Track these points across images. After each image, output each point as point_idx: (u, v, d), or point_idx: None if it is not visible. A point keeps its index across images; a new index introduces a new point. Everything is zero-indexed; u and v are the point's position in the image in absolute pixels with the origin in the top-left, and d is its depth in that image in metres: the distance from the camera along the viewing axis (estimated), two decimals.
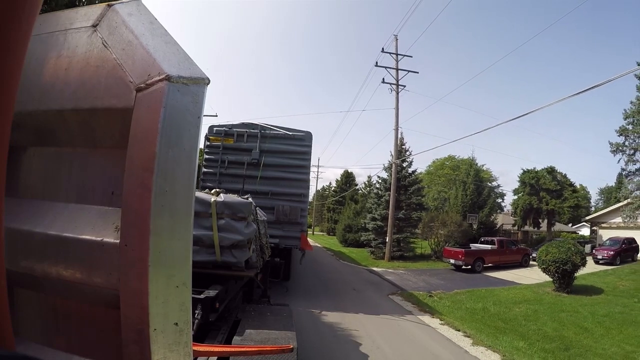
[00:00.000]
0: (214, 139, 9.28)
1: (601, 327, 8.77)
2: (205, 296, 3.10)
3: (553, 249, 12.54)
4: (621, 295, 12.55)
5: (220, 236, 3.69)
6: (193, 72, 0.93)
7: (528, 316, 9.47)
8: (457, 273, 17.25)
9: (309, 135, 9.63)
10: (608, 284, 14.52)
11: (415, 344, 6.87)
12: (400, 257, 21.84)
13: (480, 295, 11.88)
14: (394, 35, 22.62)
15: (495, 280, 15.51)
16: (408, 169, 24.55)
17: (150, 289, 0.85)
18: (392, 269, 17.94)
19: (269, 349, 2.94)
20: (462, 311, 9.69)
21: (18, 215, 1.03)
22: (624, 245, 21.42)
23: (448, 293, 12.09)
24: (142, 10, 1.02)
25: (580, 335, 8.08)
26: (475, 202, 28.75)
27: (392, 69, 22.05)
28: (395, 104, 22.16)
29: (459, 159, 48.21)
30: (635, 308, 10.77)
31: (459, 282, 14.49)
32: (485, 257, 18.78)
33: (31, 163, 1.16)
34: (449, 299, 11.07)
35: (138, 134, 0.88)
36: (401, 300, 10.70)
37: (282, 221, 8.88)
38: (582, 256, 12.30)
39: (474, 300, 10.94)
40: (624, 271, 17.37)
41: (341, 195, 44.02)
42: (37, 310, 1.13)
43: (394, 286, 13.18)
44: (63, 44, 1.04)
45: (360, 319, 8.09)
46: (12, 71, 0.63)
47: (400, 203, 23.27)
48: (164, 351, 0.89)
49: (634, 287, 13.90)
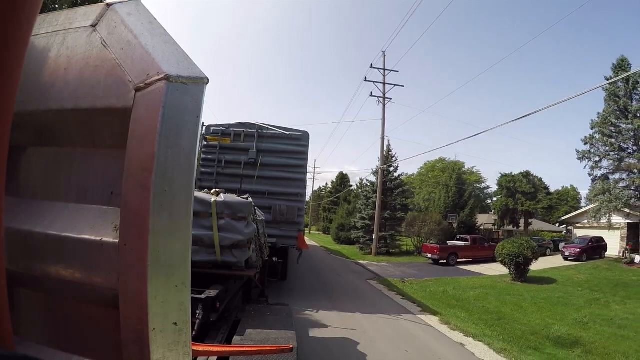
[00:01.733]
0: (211, 138, 9.26)
1: (536, 306, 10.44)
2: (206, 296, 3.09)
3: (508, 245, 14.55)
4: (570, 285, 14.42)
5: (221, 236, 3.69)
6: (192, 72, 0.93)
7: (478, 298, 11.22)
8: (434, 266, 19.47)
9: (306, 134, 9.63)
10: (564, 276, 16.34)
11: (377, 308, 9.21)
12: (387, 253, 24.45)
13: (445, 282, 13.84)
14: (382, 51, 24.89)
15: (464, 272, 17.58)
16: (394, 173, 27.32)
17: (150, 289, 0.85)
18: (376, 262, 20.23)
19: (268, 348, 2.94)
20: (425, 293, 11.60)
21: (18, 215, 1.03)
22: (590, 243, 22.94)
23: (419, 280, 14.19)
24: (141, 10, 1.02)
25: (515, 311, 9.79)
26: (457, 203, 31.51)
27: (379, 83, 24.47)
28: (382, 115, 24.63)
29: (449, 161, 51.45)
30: (575, 294, 12.51)
31: (431, 273, 16.53)
32: (458, 252, 21.16)
33: (31, 163, 1.16)
34: (418, 285, 13.13)
35: (137, 133, 0.88)
36: (376, 284, 13.13)
37: (279, 221, 8.89)
38: (534, 251, 14.13)
39: (438, 286, 12.92)
40: (586, 266, 19.23)
41: (336, 196, 46.45)
42: (37, 310, 1.13)
43: (373, 274, 15.43)
44: (62, 43, 1.04)
45: (341, 295, 10.54)
46: (12, 71, 0.63)
47: (387, 204, 25.94)
48: (163, 351, 0.89)
49: (587, 279, 15.69)
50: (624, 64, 23.09)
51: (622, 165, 23.09)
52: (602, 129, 23.89)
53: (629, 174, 22.92)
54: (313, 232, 53.61)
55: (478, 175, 52.21)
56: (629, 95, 22.87)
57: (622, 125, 23.32)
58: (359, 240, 27.08)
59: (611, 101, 23.50)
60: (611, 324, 8.92)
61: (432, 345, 6.64)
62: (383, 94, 24.53)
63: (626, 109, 22.72)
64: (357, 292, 11.41)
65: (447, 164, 50.67)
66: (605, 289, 13.63)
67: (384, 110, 24.54)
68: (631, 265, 19.58)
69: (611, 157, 23.76)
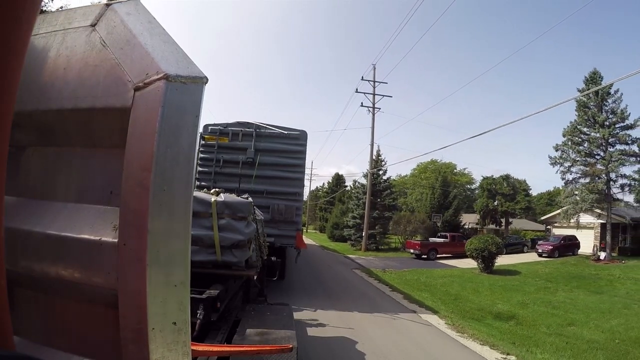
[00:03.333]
0: (209, 137, 9.24)
1: (490, 291, 12.19)
2: (207, 296, 3.09)
3: (475, 241, 16.62)
4: (531, 276, 15.95)
5: (221, 236, 3.68)
6: (191, 71, 0.93)
7: (444, 284, 13.08)
8: (415, 260, 21.54)
9: (304, 134, 9.60)
10: (530, 270, 18.00)
11: (355, 288, 11.44)
12: (375, 249, 26.75)
13: (420, 272, 15.76)
14: (372, 64, 27.01)
15: (441, 265, 19.60)
16: (383, 176, 30.13)
17: (149, 288, 0.85)
18: (364, 257, 22.34)
19: (268, 348, 2.94)
20: (400, 280, 13.45)
21: (18, 214, 1.03)
22: (562, 241, 24.96)
23: (398, 270, 16.21)
24: (141, 10, 1.02)
25: (471, 294, 11.59)
26: (442, 204, 34.20)
27: (369, 94, 26.73)
28: (371, 123, 26.91)
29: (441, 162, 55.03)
30: (530, 284, 14.11)
31: (411, 265, 18.50)
32: (438, 248, 23.46)
33: (30, 163, 1.16)
34: (396, 274, 15.09)
35: (136, 133, 0.88)
36: (359, 272, 15.40)
37: (277, 220, 8.87)
38: (498, 246, 16.17)
39: (413, 275, 14.95)
40: (556, 262, 21.06)
41: (331, 196, 48.64)
42: (37, 310, 1.13)
43: (359, 266, 17.63)
44: (62, 43, 1.04)
45: (327, 280, 12.68)
46: (12, 71, 0.63)
47: (376, 204, 28.27)
48: (162, 350, 0.89)
49: (550, 272, 17.21)
50: (595, 77, 25.56)
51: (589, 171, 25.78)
52: (572, 137, 26.70)
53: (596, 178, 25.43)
54: (310, 230, 55.73)
55: (469, 177, 55.69)
56: (599, 106, 25.54)
57: (590, 133, 26.12)
58: (351, 237, 29.64)
59: (581, 111, 26.26)
60: (547, 305, 10.44)
61: (389, 308, 8.89)
62: (372, 104, 26.78)
63: (594, 119, 25.39)
64: (342, 277, 13.80)
65: (439, 166, 53.77)
66: (561, 280, 15.04)
67: (374, 119, 26.86)
68: (597, 261, 21.00)
69: (580, 162, 26.59)
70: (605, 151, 25.19)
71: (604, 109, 25.41)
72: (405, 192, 55.35)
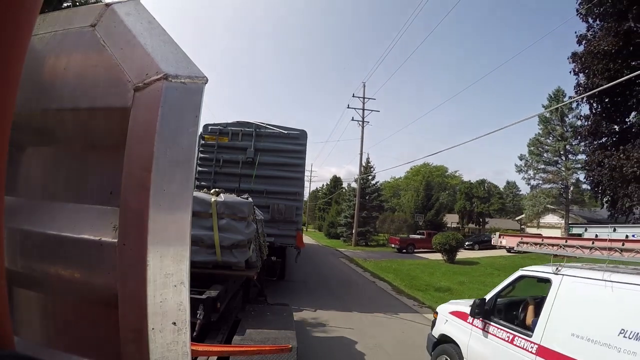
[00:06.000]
0: (209, 137, 9.23)
1: (442, 275, 15.48)
2: (207, 296, 3.09)
3: (439, 237, 21.20)
4: (486, 266, 19.05)
5: (221, 236, 3.68)
6: (191, 71, 0.93)
7: (410, 269, 16.69)
8: (396, 253, 25.87)
9: (304, 133, 9.59)
10: (490, 262, 21.19)
11: (339, 270, 16.22)
12: (364, 245, 31.89)
13: (395, 262, 19.71)
14: (363, 82, 31.67)
15: (415, 257, 23.73)
16: (372, 180, 35.51)
17: (149, 289, 0.85)
18: (352, 250, 27.17)
19: (268, 348, 2.94)
20: (377, 267, 17.30)
21: (17, 214, 1.03)
22: None
23: (377, 260, 20.55)
24: (141, 10, 1.02)
25: (426, 276, 14.87)
26: (425, 205, 39.22)
27: (359, 109, 31.28)
28: (361, 135, 31.56)
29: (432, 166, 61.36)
30: (479, 271, 17.18)
31: (390, 257, 22.51)
32: (415, 243, 28.39)
33: (30, 163, 1.16)
34: (374, 262, 19.45)
35: (136, 133, 0.88)
36: (344, 260, 20.65)
37: (277, 220, 8.87)
38: (458, 241, 20.53)
39: (388, 263, 18.92)
40: (518, 257, 23.15)
41: (329, 197, 53.02)
42: (36, 310, 1.13)
43: (346, 257, 22.63)
44: (62, 43, 1.04)
45: (320, 266, 16.98)
46: (12, 71, 0.63)
47: (365, 206, 33.05)
48: (162, 350, 0.89)
49: (507, 264, 19.88)
50: (558, 94, 29.11)
51: (548, 177, 30.50)
52: (534, 147, 31.18)
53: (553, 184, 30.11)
54: (310, 229, 59.83)
55: (459, 179, 60.69)
56: (560, 119, 29.77)
57: (551, 145, 30.47)
58: (343, 234, 35.04)
59: (543, 125, 30.44)
60: (481, 284, 12.98)
61: (357, 280, 13.04)
62: (362, 118, 31.34)
63: (554, 132, 29.87)
64: (330, 263, 18.78)
65: (430, 169, 59.83)
66: (509, 269, 17.87)
67: (362, 132, 31.37)
68: None
69: (540, 170, 31.24)
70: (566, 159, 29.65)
71: (564, 124, 29.76)
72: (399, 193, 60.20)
